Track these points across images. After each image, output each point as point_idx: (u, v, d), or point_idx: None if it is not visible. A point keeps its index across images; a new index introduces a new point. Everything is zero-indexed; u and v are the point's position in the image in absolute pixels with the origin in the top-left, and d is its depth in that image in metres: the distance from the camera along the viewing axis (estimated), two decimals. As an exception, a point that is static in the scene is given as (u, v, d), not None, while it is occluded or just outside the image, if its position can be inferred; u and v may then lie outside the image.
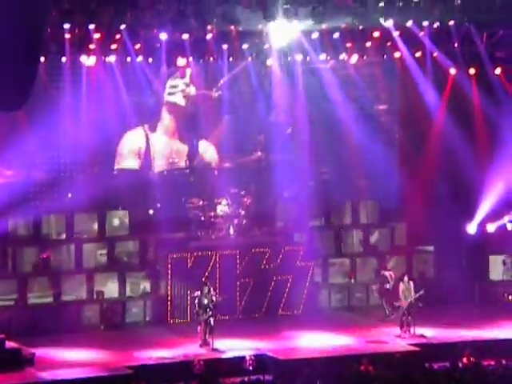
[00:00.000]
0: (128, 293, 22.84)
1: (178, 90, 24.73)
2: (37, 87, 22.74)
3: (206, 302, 20.72)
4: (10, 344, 19.27)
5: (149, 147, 24.80)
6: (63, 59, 22.74)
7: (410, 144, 25.42)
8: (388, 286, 22.81)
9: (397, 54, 24.38)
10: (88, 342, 20.60)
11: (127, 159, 24.61)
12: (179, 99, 24.88)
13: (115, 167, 24.48)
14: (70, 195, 23.64)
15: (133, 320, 22.60)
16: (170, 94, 24.73)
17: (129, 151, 24.61)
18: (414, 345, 20.57)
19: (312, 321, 22.12)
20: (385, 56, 24.44)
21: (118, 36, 22.52)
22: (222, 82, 24.88)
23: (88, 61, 22.88)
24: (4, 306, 21.71)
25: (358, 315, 23.12)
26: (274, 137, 25.14)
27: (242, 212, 23.85)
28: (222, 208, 23.81)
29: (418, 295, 21.39)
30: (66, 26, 21.88)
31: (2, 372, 18.21)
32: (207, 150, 25.39)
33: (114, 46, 22.78)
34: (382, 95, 25.60)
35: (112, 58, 23.09)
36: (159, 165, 24.85)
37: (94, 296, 22.51)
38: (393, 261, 24.54)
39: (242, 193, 24.16)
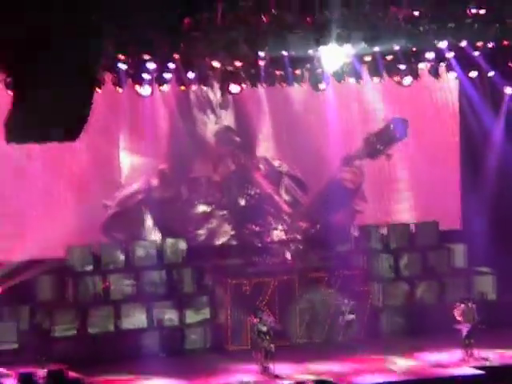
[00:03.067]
0: (187, 320, 22.88)
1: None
2: (93, 118, 23.17)
3: (264, 328, 20.67)
4: (71, 374, 19.40)
5: None
6: (119, 90, 23.03)
7: (469, 165, 25.18)
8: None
9: (451, 76, 24.20)
10: (148, 370, 20.67)
11: None
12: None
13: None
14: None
15: (192, 347, 22.64)
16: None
17: None
18: (478, 368, 20.26)
19: (373, 345, 21.94)
20: (439, 78, 24.25)
21: (171, 65, 22.73)
22: None
23: (143, 91, 23.12)
24: (66, 337, 21.91)
25: (419, 339, 22.83)
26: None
27: (299, 237, 23.80)
28: (278, 233, 23.80)
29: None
30: (121, 56, 22.15)
31: (65, 402, 18.34)
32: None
33: (167, 76, 22.99)
34: (439, 118, 25.47)
35: (166, 88, 23.31)
36: None
37: (154, 323, 22.60)
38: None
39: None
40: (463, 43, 22.91)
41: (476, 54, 22.94)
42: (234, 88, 23.60)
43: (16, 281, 21.49)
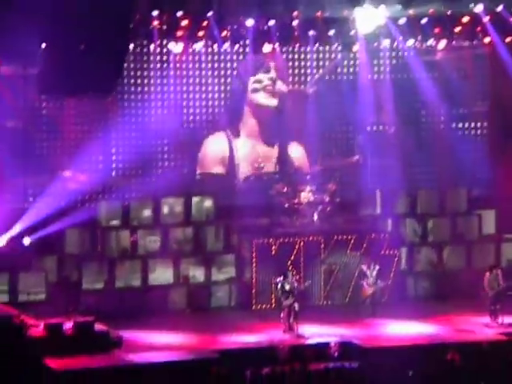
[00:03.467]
0: (213, 277, 23.04)
1: (262, 85, 24.49)
2: (126, 75, 23.31)
3: (288, 287, 20.77)
4: (98, 327, 19.63)
5: (233, 154, 24.75)
6: (151, 47, 23.03)
7: (500, 131, 25.02)
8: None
9: (486, 40, 23.97)
10: (174, 326, 20.86)
11: (211, 167, 24.63)
12: (263, 98, 24.59)
13: (198, 171, 24.56)
14: (156, 181, 23.98)
15: (218, 304, 22.80)
16: (253, 90, 24.49)
17: (212, 159, 24.63)
18: (502, 334, 20.28)
19: (398, 309, 21.99)
20: (474, 42, 24.04)
21: (205, 23, 22.68)
22: (317, 76, 24.62)
23: (176, 48, 23.12)
24: (93, 290, 22.14)
25: (445, 304, 22.83)
26: (373, 138, 24.87)
27: (327, 199, 23.80)
28: (306, 195, 23.80)
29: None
30: (155, 13, 22.14)
31: (91, 354, 18.51)
32: (296, 152, 25.22)
33: (201, 33, 22.96)
34: (471, 82, 25.25)
35: (199, 45, 23.28)
36: (244, 171, 24.78)
37: (180, 280, 22.78)
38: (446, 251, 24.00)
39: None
40: (499, 8, 22.69)
41: (512, 19, 22.75)
42: (267, 47, 23.56)
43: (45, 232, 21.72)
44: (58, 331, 19.09)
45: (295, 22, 23.03)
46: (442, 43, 23.62)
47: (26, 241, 21.79)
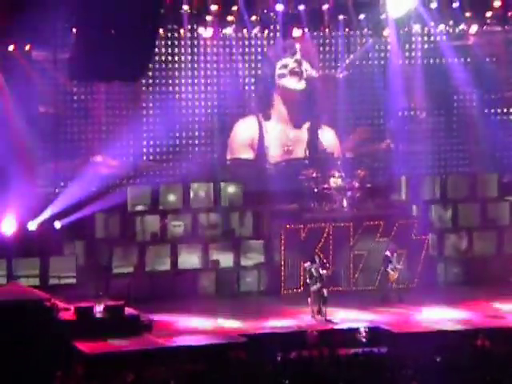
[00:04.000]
0: (242, 262, 23.10)
1: (288, 69, 24.39)
2: (156, 60, 23.34)
3: (316, 273, 20.78)
4: (129, 310, 19.76)
5: (262, 137, 24.70)
6: (181, 32, 23.04)
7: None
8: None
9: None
10: (203, 310, 20.95)
11: (240, 152, 24.65)
12: (290, 82, 24.51)
13: (228, 156, 24.61)
14: (186, 166, 24.07)
15: (247, 289, 22.87)
16: (280, 75, 24.39)
17: (241, 143, 24.58)
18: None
19: (427, 294, 21.95)
20: (506, 27, 23.82)
21: (234, 8, 22.65)
22: (347, 61, 24.52)
23: (205, 33, 23.12)
24: (123, 274, 22.29)
25: (475, 289, 22.75)
26: (404, 123, 24.72)
27: (356, 184, 23.75)
28: (336, 180, 23.75)
29: None
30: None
31: (122, 337, 18.68)
32: (328, 136, 25.15)
33: (230, 18, 22.94)
34: (503, 67, 25.02)
35: (229, 30, 23.26)
36: (274, 155, 24.73)
37: (209, 265, 22.86)
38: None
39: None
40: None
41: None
42: (296, 32, 23.49)
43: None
44: (89, 315, 19.27)
45: (325, 7, 22.94)
46: (474, 28, 23.40)
47: (57, 225, 21.96)
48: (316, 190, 23.70)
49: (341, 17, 23.26)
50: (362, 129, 24.63)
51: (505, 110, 25.29)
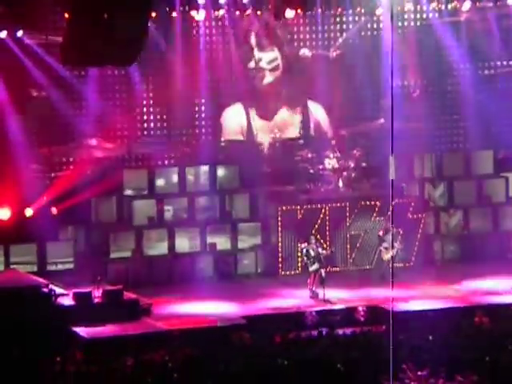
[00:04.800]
0: (239, 245, 23.10)
1: (271, 66, 24.36)
2: (148, 43, 23.16)
3: (313, 253, 20.81)
4: (127, 294, 19.77)
5: (250, 124, 24.67)
6: (173, 14, 22.94)
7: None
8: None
9: (510, 1, 23.67)
10: (202, 293, 20.95)
11: (231, 137, 24.60)
12: (268, 79, 24.43)
13: (222, 138, 24.59)
14: (181, 148, 24.03)
15: (244, 271, 22.89)
16: (258, 70, 24.34)
17: (231, 130, 24.60)
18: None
19: (425, 273, 21.99)
20: (498, 3, 23.75)
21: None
22: (340, 40, 24.46)
23: (198, 15, 23.02)
24: (121, 258, 22.29)
25: (472, 267, 22.79)
26: (398, 101, 24.66)
27: (352, 165, 23.72)
28: (331, 161, 23.74)
29: None
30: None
31: (120, 322, 18.70)
32: (317, 112, 25.11)
33: (223, 0, 22.83)
34: (496, 42, 24.99)
35: (221, 12, 23.16)
36: (262, 141, 24.70)
37: (207, 248, 22.88)
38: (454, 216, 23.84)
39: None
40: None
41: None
42: (289, 13, 23.40)
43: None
44: (87, 300, 19.27)
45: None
46: (467, 5, 23.33)
47: (54, 211, 21.92)
48: (312, 172, 23.70)
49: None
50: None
51: (499, 86, 25.25)
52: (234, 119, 24.65)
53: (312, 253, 20.80)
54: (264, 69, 24.48)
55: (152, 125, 23.68)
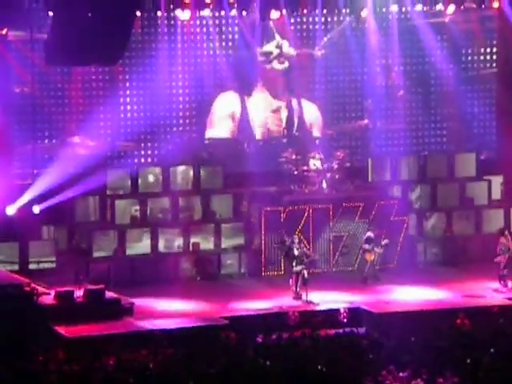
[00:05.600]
0: (223, 245, 23.07)
1: (273, 56, 24.45)
2: (133, 42, 23.18)
3: (296, 253, 20.82)
4: (109, 294, 19.71)
5: (245, 112, 24.68)
6: (158, 14, 22.89)
7: (508, 94, 24.89)
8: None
9: (495, 4, 23.80)
10: (184, 293, 20.92)
11: (220, 124, 24.59)
12: (278, 66, 24.57)
13: (207, 134, 24.57)
14: (165, 147, 23.99)
15: (228, 272, 22.86)
16: (264, 62, 24.41)
17: (222, 115, 24.58)
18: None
19: (407, 275, 22.03)
20: (483, 6, 23.87)
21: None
22: (325, 39, 24.51)
23: (183, 15, 22.99)
24: (103, 258, 22.21)
25: (454, 269, 22.86)
26: (382, 102, 24.77)
27: (335, 166, 23.75)
28: (315, 162, 23.75)
29: None
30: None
31: (102, 321, 18.63)
32: (310, 110, 25.13)
33: (208, 0, 22.81)
34: (479, 44, 25.14)
35: (206, 12, 23.14)
36: (256, 130, 24.71)
37: (190, 248, 22.83)
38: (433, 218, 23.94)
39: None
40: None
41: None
42: (274, 14, 23.41)
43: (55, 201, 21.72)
44: (69, 299, 19.20)
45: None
46: (451, 8, 23.41)
47: (36, 209, 21.81)
48: (296, 173, 23.70)
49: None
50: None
51: (481, 88, 25.39)
52: (228, 103, 24.68)
53: (296, 252, 20.81)
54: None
55: (135, 123, 23.61)
